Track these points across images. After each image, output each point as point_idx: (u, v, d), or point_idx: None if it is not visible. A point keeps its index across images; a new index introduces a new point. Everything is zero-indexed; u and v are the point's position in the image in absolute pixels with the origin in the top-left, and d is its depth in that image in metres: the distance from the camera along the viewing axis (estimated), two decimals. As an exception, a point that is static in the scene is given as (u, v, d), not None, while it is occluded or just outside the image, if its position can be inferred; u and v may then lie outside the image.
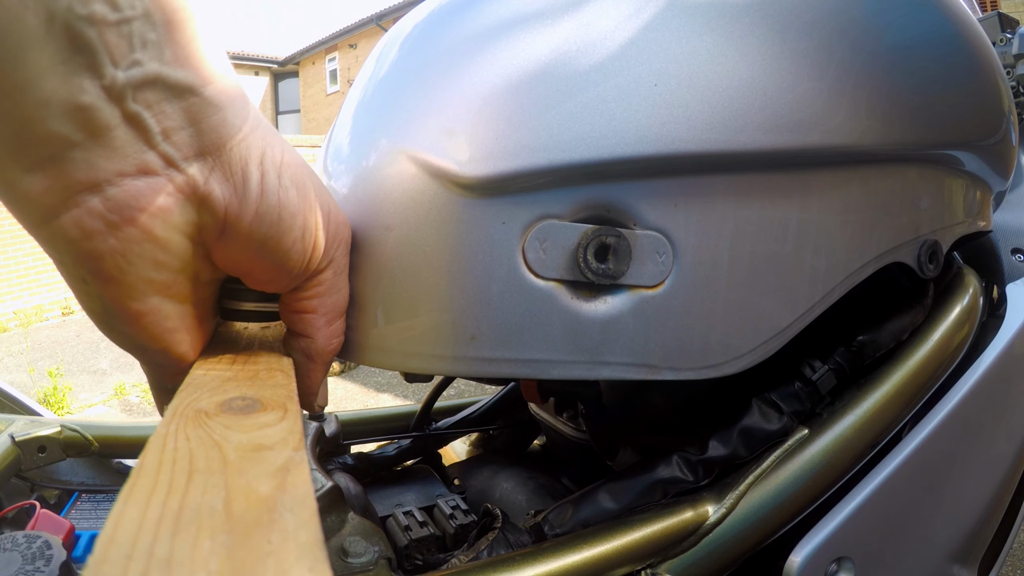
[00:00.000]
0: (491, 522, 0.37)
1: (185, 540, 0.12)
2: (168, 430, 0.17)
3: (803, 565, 0.34)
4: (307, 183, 0.26)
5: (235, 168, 0.23)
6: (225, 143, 0.23)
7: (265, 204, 0.24)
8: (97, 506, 0.53)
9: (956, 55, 0.38)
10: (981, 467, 0.45)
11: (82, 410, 3.35)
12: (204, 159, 0.22)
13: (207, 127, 0.22)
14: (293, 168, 0.25)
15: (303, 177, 0.25)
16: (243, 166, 0.23)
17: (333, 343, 0.29)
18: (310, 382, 0.29)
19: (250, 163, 0.23)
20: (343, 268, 0.29)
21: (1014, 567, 1.37)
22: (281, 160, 0.25)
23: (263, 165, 0.24)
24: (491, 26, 0.30)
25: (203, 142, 0.22)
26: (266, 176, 0.24)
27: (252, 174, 0.23)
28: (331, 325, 0.29)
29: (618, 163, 0.28)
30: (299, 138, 7.09)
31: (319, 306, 0.28)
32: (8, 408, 0.76)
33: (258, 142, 0.24)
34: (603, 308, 0.30)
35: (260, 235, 0.24)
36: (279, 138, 0.25)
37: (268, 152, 0.24)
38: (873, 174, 0.36)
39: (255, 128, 0.24)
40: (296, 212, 0.25)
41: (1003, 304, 0.48)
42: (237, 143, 0.23)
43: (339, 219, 0.28)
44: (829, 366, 0.39)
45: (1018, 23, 0.85)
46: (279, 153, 0.25)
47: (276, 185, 0.24)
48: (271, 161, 0.24)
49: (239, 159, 0.23)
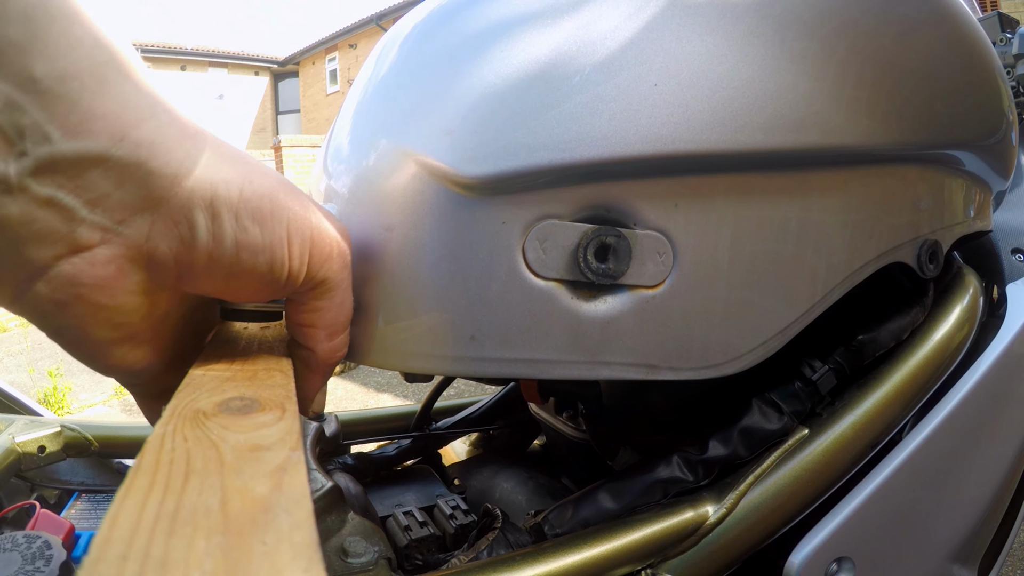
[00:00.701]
0: (491, 522, 0.37)
1: (180, 540, 0.12)
2: (166, 430, 0.17)
3: (803, 565, 0.34)
4: (278, 212, 0.23)
5: (178, 218, 0.21)
6: (161, 195, 0.21)
7: (219, 248, 0.22)
8: (97, 506, 0.53)
9: (956, 55, 0.37)
10: (981, 467, 0.44)
11: (82, 410, 3.36)
12: (141, 216, 0.21)
13: (133, 186, 0.20)
14: (257, 202, 0.23)
15: (271, 208, 0.23)
16: (187, 214, 0.21)
17: (335, 356, 0.29)
18: (307, 389, 0.29)
19: (195, 210, 0.22)
20: (341, 284, 0.27)
21: (1014, 567, 1.37)
22: (239, 196, 0.22)
23: (213, 208, 0.22)
24: (491, 26, 0.30)
25: (135, 201, 0.21)
26: (217, 219, 0.22)
27: (199, 221, 0.22)
28: (332, 340, 0.28)
29: (618, 163, 0.28)
30: (299, 138, 7.10)
31: (318, 320, 0.27)
32: (8, 408, 0.76)
33: (206, 183, 0.22)
34: (603, 308, 0.30)
35: (221, 274, 0.23)
36: (241, 167, 0.23)
37: (220, 192, 0.22)
38: (873, 174, 0.36)
39: (203, 166, 0.22)
40: (260, 248, 0.23)
41: (1003, 304, 0.48)
42: (177, 191, 0.21)
43: (329, 237, 0.26)
44: (829, 366, 0.39)
45: (1018, 23, 0.85)
46: (236, 189, 0.22)
47: (232, 227, 0.22)
48: (224, 201, 0.22)
49: (181, 207, 0.21)
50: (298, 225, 0.24)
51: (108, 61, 0.20)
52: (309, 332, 0.27)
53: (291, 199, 0.24)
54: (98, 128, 0.19)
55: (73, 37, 0.19)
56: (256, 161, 0.24)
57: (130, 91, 0.20)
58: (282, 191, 0.24)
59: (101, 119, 0.19)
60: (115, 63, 0.20)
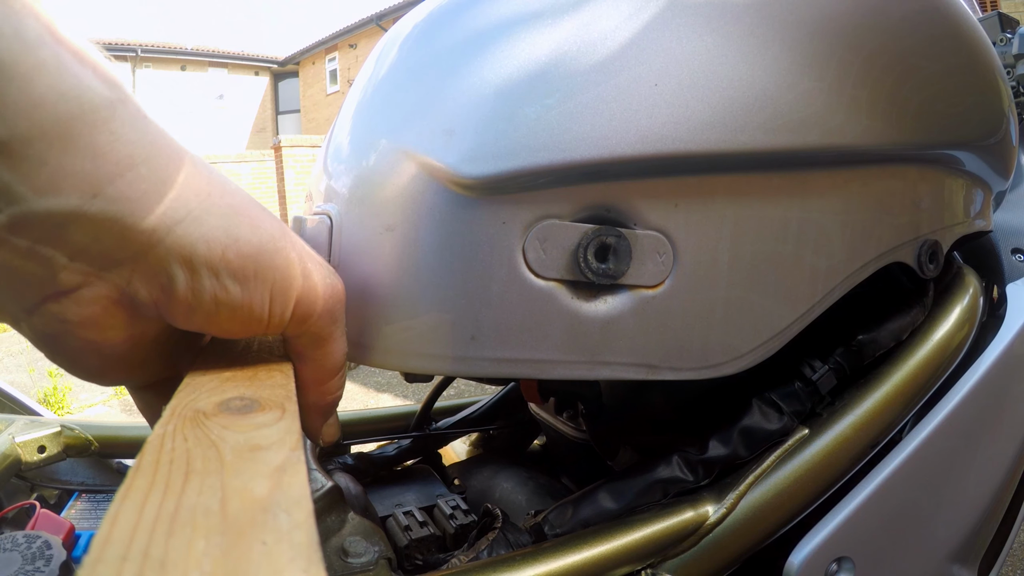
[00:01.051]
0: (491, 522, 0.37)
1: (180, 541, 0.12)
2: (166, 430, 0.17)
3: (803, 565, 0.34)
4: (263, 273, 0.23)
5: (157, 271, 0.21)
6: (139, 249, 0.20)
7: (197, 301, 0.22)
8: (97, 506, 0.53)
9: (956, 55, 0.37)
10: (981, 467, 0.44)
11: (82, 410, 3.36)
12: (122, 266, 0.21)
13: (110, 240, 0.20)
14: (240, 262, 0.22)
15: (255, 270, 0.23)
16: (166, 268, 0.21)
17: (326, 399, 0.28)
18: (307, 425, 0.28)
19: (173, 265, 0.21)
20: (328, 336, 0.26)
21: (1014, 567, 1.37)
22: (221, 256, 0.22)
23: (192, 265, 0.21)
24: (491, 26, 0.30)
25: (113, 252, 0.20)
26: (196, 276, 0.21)
27: (177, 277, 0.21)
28: (320, 385, 0.27)
29: (618, 163, 0.28)
30: (299, 138, 7.10)
31: (301, 370, 0.26)
32: (8, 408, 0.76)
33: (186, 241, 0.21)
34: (603, 308, 0.30)
35: (200, 321, 0.23)
36: (229, 220, 0.22)
37: (200, 251, 0.21)
38: (873, 174, 0.36)
39: (185, 222, 0.21)
40: (239, 305, 0.23)
41: (1003, 304, 0.48)
42: (156, 244, 0.20)
43: (314, 294, 0.25)
44: (829, 366, 0.39)
45: (1018, 23, 0.85)
46: (219, 249, 0.22)
47: (211, 284, 0.22)
48: (204, 261, 0.21)
49: (160, 261, 0.21)
50: (282, 286, 0.24)
51: (76, 115, 0.19)
52: (299, 371, 0.27)
53: (279, 257, 0.23)
54: (68, 186, 0.19)
55: (35, 95, 0.18)
56: (249, 207, 0.23)
57: (103, 143, 0.19)
58: (270, 248, 0.23)
59: (71, 176, 0.19)
60: (84, 116, 0.19)
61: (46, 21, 0.19)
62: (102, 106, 0.19)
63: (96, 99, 0.19)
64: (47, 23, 0.19)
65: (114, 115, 0.20)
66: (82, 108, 0.19)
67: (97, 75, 0.20)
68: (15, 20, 0.18)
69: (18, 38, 0.18)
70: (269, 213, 0.24)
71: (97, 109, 0.19)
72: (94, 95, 0.19)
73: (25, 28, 0.18)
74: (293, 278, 0.24)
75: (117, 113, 0.20)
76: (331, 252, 0.31)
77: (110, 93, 0.20)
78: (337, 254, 0.31)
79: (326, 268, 0.26)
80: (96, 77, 0.19)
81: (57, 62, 0.18)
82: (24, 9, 0.18)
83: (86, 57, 0.20)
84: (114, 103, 0.20)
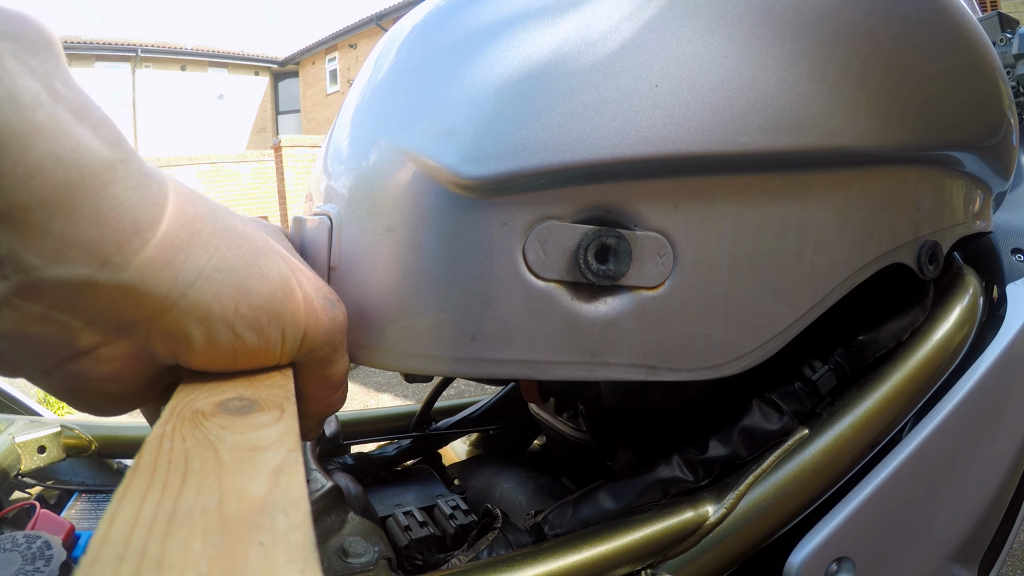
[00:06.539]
0: (491, 522, 0.37)
1: (177, 541, 0.12)
2: (164, 430, 0.17)
3: (803, 565, 0.34)
4: (274, 320, 0.23)
5: (174, 330, 0.21)
6: (153, 313, 0.21)
7: (216, 353, 0.22)
8: (96, 506, 0.53)
9: (956, 55, 0.37)
10: (981, 467, 0.44)
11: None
12: (139, 326, 0.21)
13: (125, 305, 0.20)
14: (252, 314, 0.22)
15: (267, 319, 0.23)
16: (182, 328, 0.21)
17: (327, 411, 0.29)
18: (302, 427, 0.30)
19: (190, 324, 0.21)
20: (331, 357, 0.27)
21: (1014, 567, 1.37)
22: (234, 312, 0.22)
23: (208, 322, 0.22)
24: (491, 26, 0.30)
25: (129, 315, 0.20)
26: (212, 331, 0.22)
27: (194, 334, 0.21)
28: (322, 400, 0.29)
29: (619, 164, 0.28)
30: (299, 138, 7.10)
31: (303, 385, 0.27)
32: (8, 408, 0.76)
33: (200, 303, 0.21)
34: (603, 309, 0.30)
35: (218, 368, 0.23)
36: (239, 275, 0.22)
37: (214, 309, 0.21)
38: (873, 175, 0.36)
39: (196, 285, 0.21)
40: (255, 351, 0.23)
41: (1003, 304, 0.48)
42: (171, 308, 0.21)
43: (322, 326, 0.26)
44: (829, 366, 0.39)
45: (1018, 23, 0.85)
46: (231, 305, 0.22)
47: (227, 336, 0.22)
48: (219, 316, 0.22)
49: (176, 322, 0.21)
50: (294, 327, 0.24)
51: (76, 182, 0.18)
52: (301, 386, 0.27)
53: (289, 302, 0.24)
54: (75, 255, 0.18)
55: (32, 162, 0.17)
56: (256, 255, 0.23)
57: (106, 210, 0.19)
58: (280, 296, 0.23)
59: (77, 245, 0.18)
60: (84, 182, 0.18)
61: (44, 78, 0.18)
62: (103, 170, 0.19)
63: (96, 162, 0.18)
64: (45, 80, 0.18)
65: (116, 178, 0.19)
66: (82, 174, 0.18)
67: (97, 134, 0.19)
68: (9, 81, 0.17)
69: (12, 100, 0.17)
70: (274, 252, 0.24)
71: (98, 174, 0.18)
72: (94, 158, 0.18)
73: (20, 89, 0.17)
74: (301, 317, 0.25)
75: (119, 176, 0.19)
76: (331, 252, 0.31)
77: (111, 154, 0.19)
78: (337, 254, 0.31)
79: (328, 299, 0.27)
80: (96, 136, 0.19)
81: (55, 124, 0.18)
82: (19, 68, 0.17)
83: (86, 115, 0.19)
84: (115, 165, 0.19)
